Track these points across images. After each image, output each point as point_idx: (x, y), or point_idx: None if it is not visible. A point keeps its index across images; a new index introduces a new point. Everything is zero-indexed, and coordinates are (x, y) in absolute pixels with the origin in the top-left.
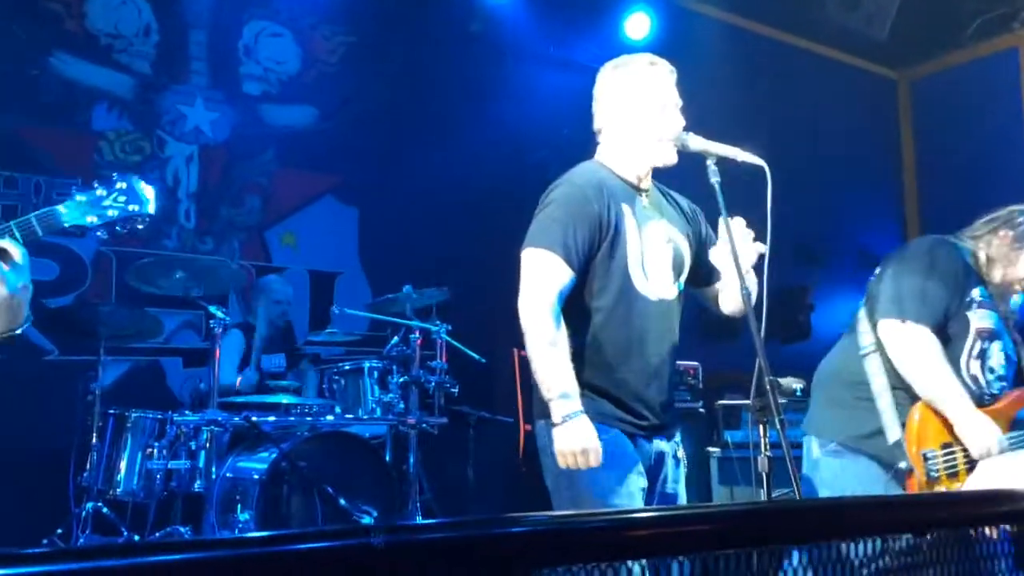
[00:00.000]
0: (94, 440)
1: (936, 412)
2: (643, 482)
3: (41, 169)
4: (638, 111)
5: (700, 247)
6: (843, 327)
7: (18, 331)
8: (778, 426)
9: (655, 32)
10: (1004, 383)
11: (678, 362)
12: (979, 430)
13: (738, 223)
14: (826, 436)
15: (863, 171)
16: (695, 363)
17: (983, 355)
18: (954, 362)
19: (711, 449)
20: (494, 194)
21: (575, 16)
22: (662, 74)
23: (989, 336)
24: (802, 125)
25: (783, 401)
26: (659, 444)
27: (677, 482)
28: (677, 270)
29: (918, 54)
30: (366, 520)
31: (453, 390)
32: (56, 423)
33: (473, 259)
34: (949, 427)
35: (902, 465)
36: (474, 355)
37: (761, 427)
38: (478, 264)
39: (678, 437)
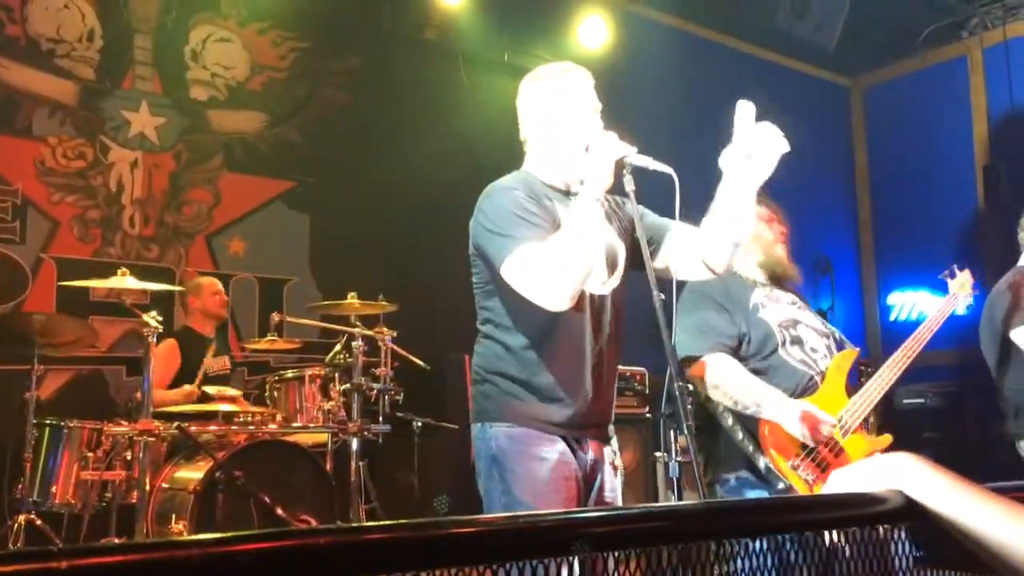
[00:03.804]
0: (28, 451)
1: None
2: (580, 488)
3: None
4: (558, 118)
5: (633, 233)
6: None
7: None
8: (686, 432)
9: (609, 39)
10: (829, 352)
11: (625, 368)
12: (799, 420)
13: (748, 110)
14: (721, 473)
15: (817, 177)
16: (642, 368)
17: (797, 341)
18: (781, 365)
19: (657, 454)
20: (447, 200)
21: (530, 23)
22: (579, 80)
23: (791, 324)
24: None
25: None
26: (595, 450)
27: (615, 491)
28: (611, 266)
29: (870, 62)
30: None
31: (398, 397)
32: None
33: (426, 265)
34: None
35: (780, 486)
36: (419, 362)
37: (672, 433)
38: (430, 271)
39: (615, 444)
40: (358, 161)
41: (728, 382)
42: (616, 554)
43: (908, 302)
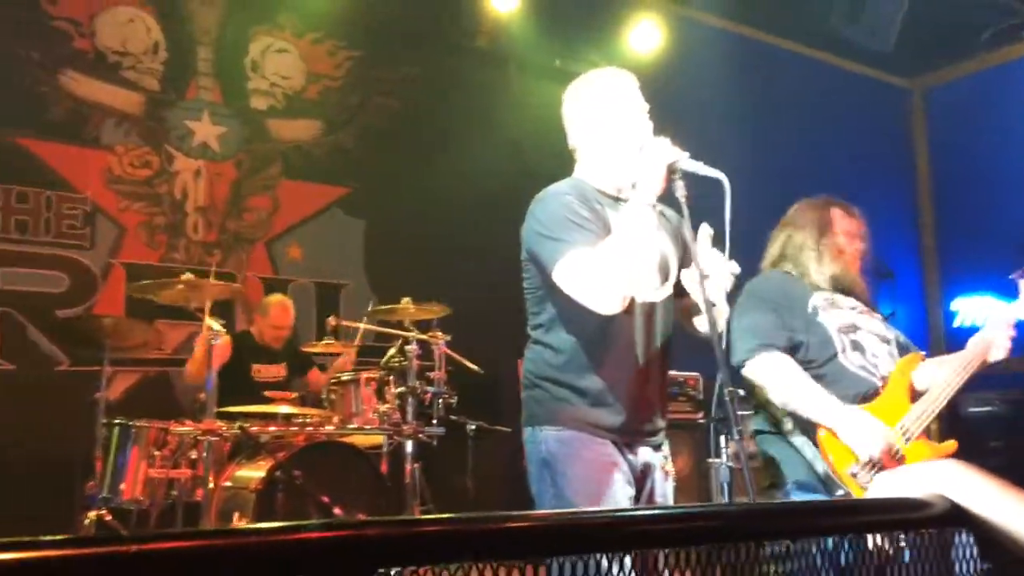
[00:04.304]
0: (99, 450)
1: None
2: (630, 491)
3: (52, 185)
4: (606, 122)
5: (683, 240)
6: None
7: None
8: (736, 436)
9: (661, 43)
10: (891, 358)
11: (678, 373)
12: (853, 430)
13: (704, 233)
14: (781, 478)
15: (877, 180)
16: (695, 374)
17: (857, 347)
18: (840, 371)
19: (712, 460)
20: (498, 205)
21: (580, 29)
22: (625, 83)
23: (851, 329)
24: (815, 136)
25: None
26: (645, 454)
27: (665, 496)
28: (663, 273)
29: (930, 63)
30: None
31: (452, 401)
32: (65, 432)
33: (478, 270)
34: None
35: (839, 493)
36: (472, 366)
37: (724, 438)
38: (482, 275)
39: (666, 450)
40: (411, 167)
41: (781, 382)
42: (666, 552)
43: (973, 307)
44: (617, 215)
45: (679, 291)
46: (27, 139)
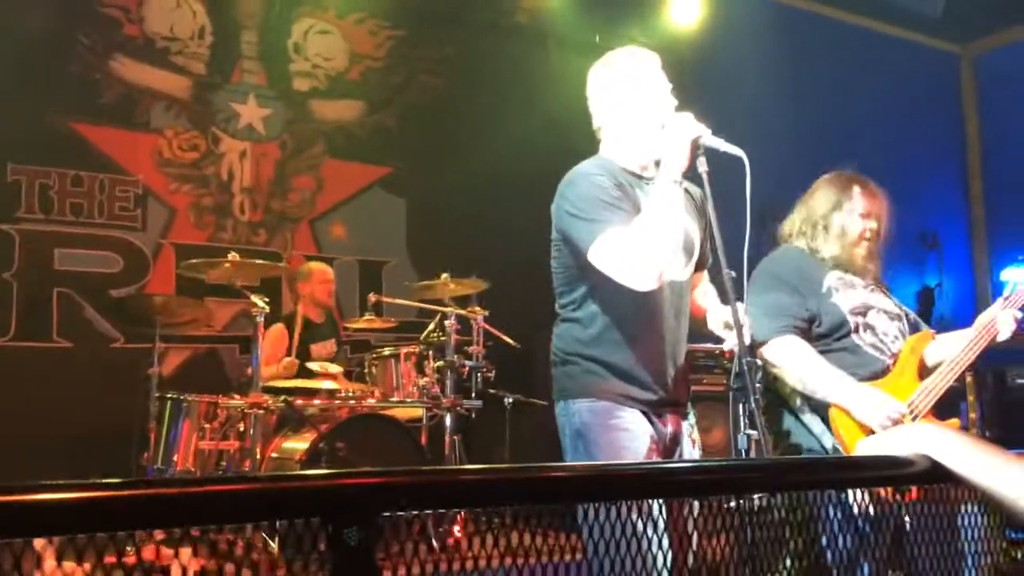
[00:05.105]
0: (152, 422)
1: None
2: (658, 457)
3: (104, 168)
4: (630, 101)
5: (705, 217)
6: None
7: None
8: (753, 405)
9: (702, 15)
10: (901, 335)
11: (714, 345)
12: (865, 406)
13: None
14: (789, 453)
15: (925, 148)
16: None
17: (869, 327)
18: (853, 350)
19: (750, 432)
20: (537, 181)
21: (620, 4)
22: (647, 62)
23: (863, 310)
24: (862, 105)
25: None
26: (674, 423)
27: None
28: (688, 252)
29: (980, 29)
30: None
31: (490, 375)
32: (120, 406)
33: (517, 245)
34: None
35: None
36: (509, 340)
37: (741, 407)
38: (521, 251)
39: (692, 419)
40: (452, 145)
41: (797, 364)
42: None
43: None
44: (644, 193)
45: (697, 266)
46: (81, 124)
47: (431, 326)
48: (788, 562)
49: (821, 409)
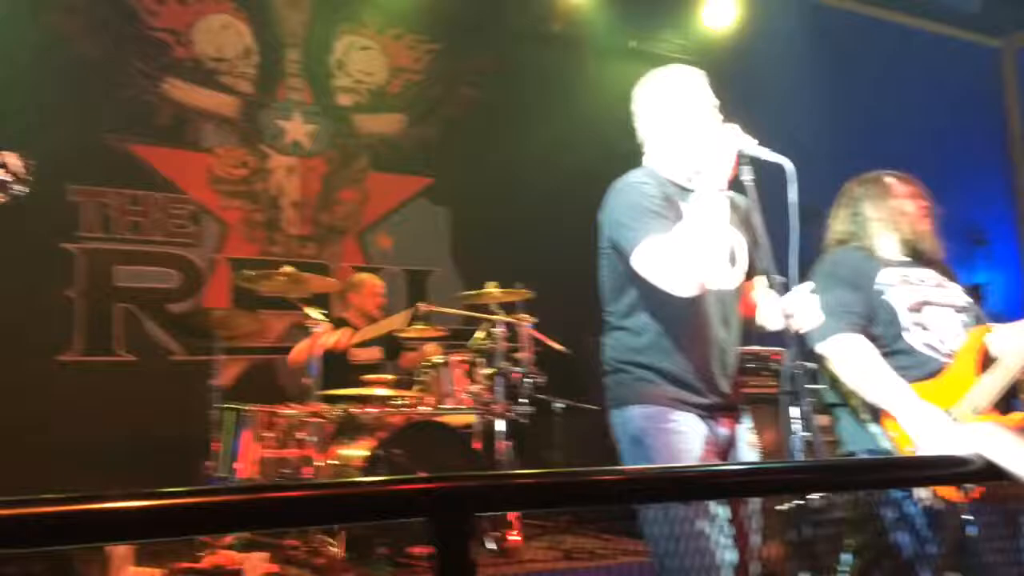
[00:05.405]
0: (215, 432)
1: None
2: (718, 463)
3: (160, 187)
4: (674, 116)
5: (751, 225)
6: None
7: None
8: (804, 409)
9: (737, 17)
10: (966, 329)
11: (762, 348)
12: (914, 423)
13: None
14: (846, 453)
15: (968, 144)
16: (780, 348)
17: (924, 325)
18: (907, 350)
19: (804, 434)
20: (578, 188)
21: (654, 8)
22: (692, 79)
23: (919, 306)
24: (901, 103)
25: None
26: (729, 426)
27: None
28: (732, 260)
29: (1020, 22)
30: None
31: (539, 380)
32: (183, 416)
33: (560, 251)
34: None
35: None
36: (558, 346)
37: (794, 410)
38: (564, 257)
39: (750, 423)
40: (492, 154)
41: (854, 366)
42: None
43: None
44: (688, 204)
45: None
46: (137, 145)
47: (479, 334)
48: (847, 561)
49: (877, 412)
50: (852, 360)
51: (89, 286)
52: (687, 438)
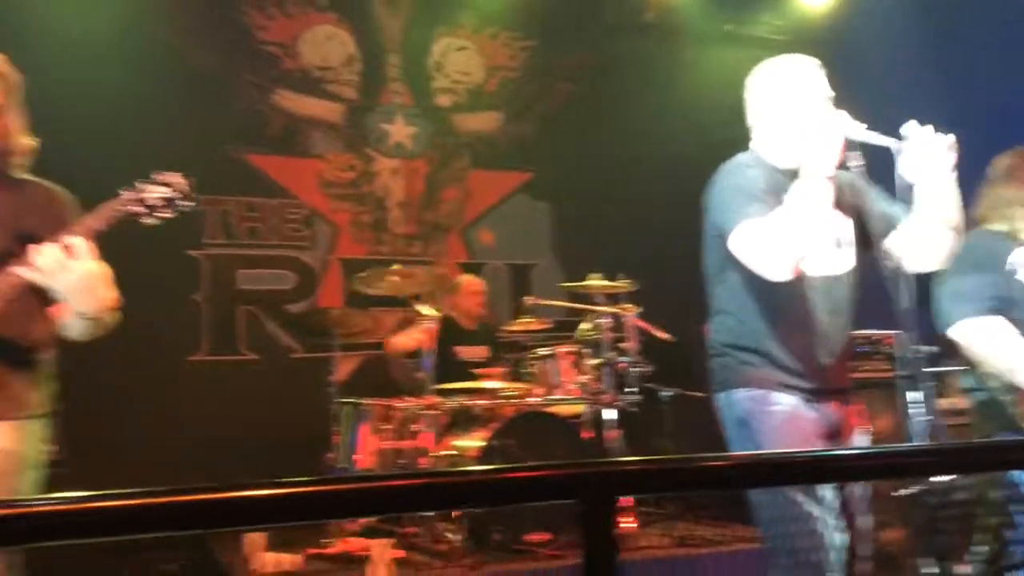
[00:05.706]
0: (335, 426)
1: None
2: (823, 446)
3: (275, 193)
4: (786, 104)
5: (860, 210)
6: None
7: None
8: (922, 393)
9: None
10: None
11: (873, 332)
12: None
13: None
14: (986, 436)
15: None
16: (892, 332)
17: None
18: None
19: (927, 418)
20: (678, 176)
21: None
22: (806, 68)
23: None
24: (1012, 77)
25: None
26: (837, 410)
27: None
28: (838, 244)
29: None
30: None
31: (646, 369)
32: (304, 411)
33: (661, 240)
34: None
35: None
36: (663, 335)
37: (908, 395)
38: (666, 245)
39: (859, 407)
40: (590, 147)
41: (986, 346)
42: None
43: None
44: (792, 188)
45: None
46: (252, 154)
47: (584, 325)
48: (977, 543)
49: (1016, 391)
50: (987, 341)
51: (214, 290)
52: (792, 420)
